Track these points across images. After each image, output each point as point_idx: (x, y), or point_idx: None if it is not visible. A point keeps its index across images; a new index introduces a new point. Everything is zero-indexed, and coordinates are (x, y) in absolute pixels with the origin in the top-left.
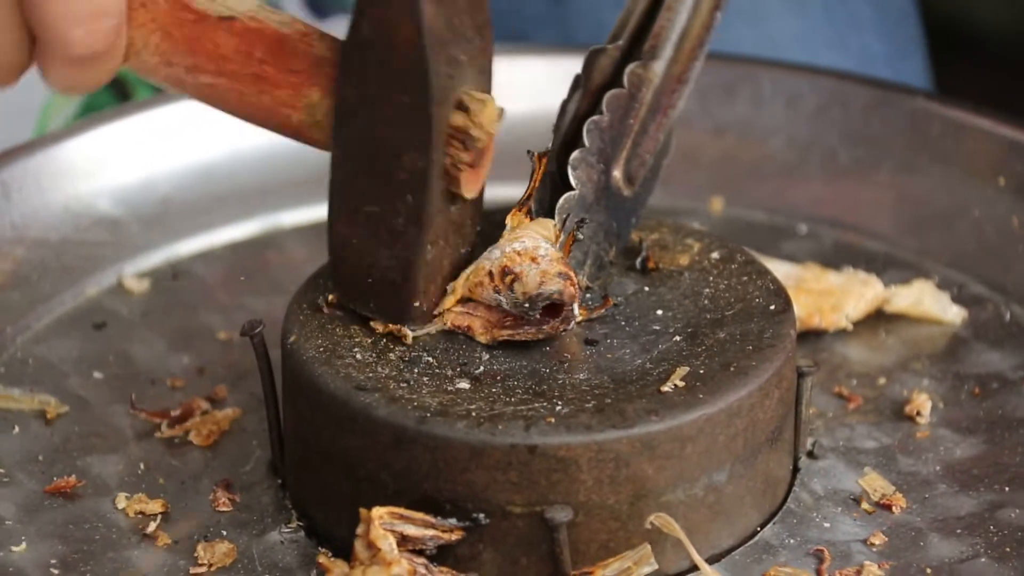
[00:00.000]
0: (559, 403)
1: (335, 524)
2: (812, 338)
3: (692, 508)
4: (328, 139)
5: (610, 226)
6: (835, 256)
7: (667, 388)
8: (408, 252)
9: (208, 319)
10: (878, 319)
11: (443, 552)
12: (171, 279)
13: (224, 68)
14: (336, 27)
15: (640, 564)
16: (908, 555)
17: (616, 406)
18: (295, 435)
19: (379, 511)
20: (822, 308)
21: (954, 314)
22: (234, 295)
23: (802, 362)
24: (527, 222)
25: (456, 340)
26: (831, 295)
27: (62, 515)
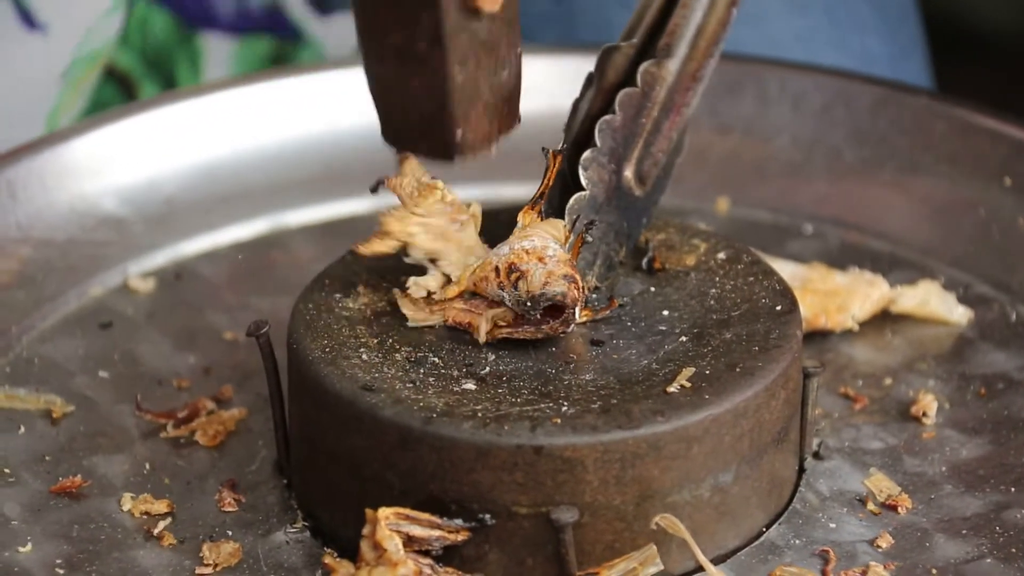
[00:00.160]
0: (565, 404)
1: (341, 524)
2: (818, 338)
3: (698, 509)
4: None
5: (621, 226)
6: (841, 255)
7: (673, 389)
8: (436, 77)
9: (214, 319)
10: (884, 319)
11: (449, 552)
12: (174, 280)
13: None
14: (338, 24)
15: (646, 565)
16: (914, 556)
17: (622, 407)
18: (301, 435)
19: (385, 512)
20: (828, 309)
21: (960, 315)
22: (240, 295)
23: (808, 363)
24: (539, 221)
25: (462, 341)
26: (837, 296)
27: (67, 515)
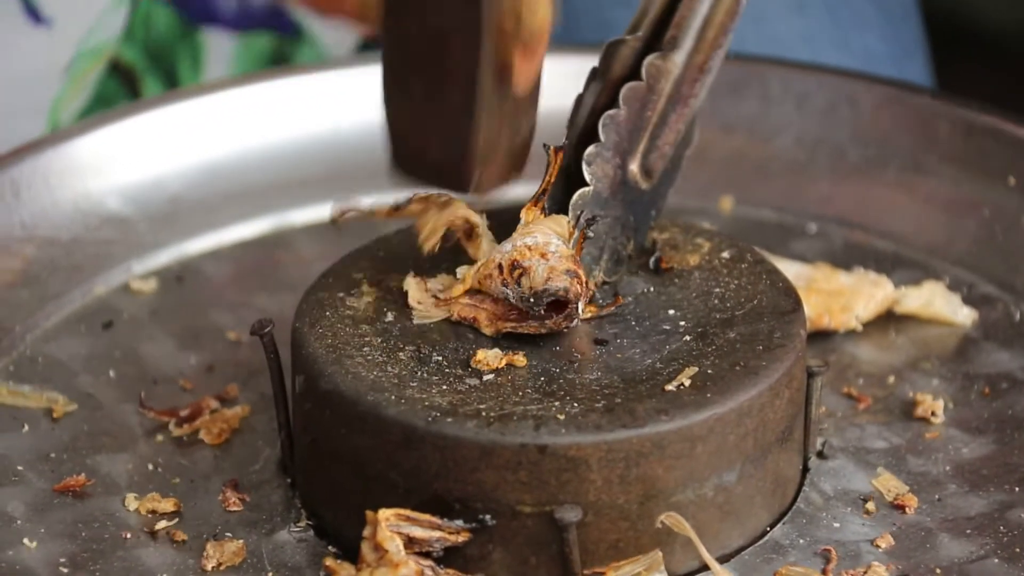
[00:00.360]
0: (569, 403)
1: (344, 523)
2: (822, 338)
3: (702, 508)
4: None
5: (627, 220)
6: (844, 255)
7: (671, 388)
8: (463, 129)
9: (218, 318)
10: (888, 319)
11: (452, 552)
12: (178, 279)
13: None
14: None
15: (651, 571)
16: (918, 555)
17: (626, 406)
18: (305, 434)
19: (385, 513)
20: (832, 308)
21: (964, 316)
22: (244, 294)
23: (812, 362)
24: (541, 218)
25: (466, 339)
26: (841, 295)
27: (71, 514)
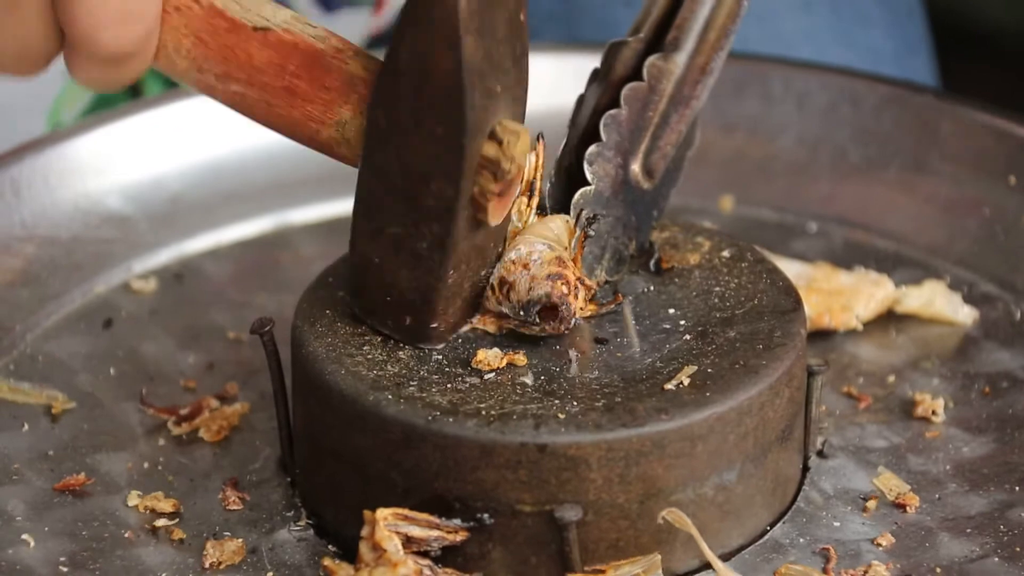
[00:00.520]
0: (569, 402)
1: (344, 523)
2: (822, 338)
3: (702, 507)
4: (356, 156)
5: (629, 220)
6: (845, 254)
7: (670, 386)
8: (430, 276)
9: (218, 317)
10: (888, 319)
11: (452, 551)
12: (178, 278)
13: (256, 79)
14: (344, 21)
15: (649, 572)
16: (918, 555)
17: (626, 405)
18: (305, 433)
19: (383, 512)
20: (832, 308)
21: (965, 315)
22: (244, 293)
23: (812, 361)
24: (537, 220)
25: (466, 338)
26: (842, 295)
27: (71, 512)
